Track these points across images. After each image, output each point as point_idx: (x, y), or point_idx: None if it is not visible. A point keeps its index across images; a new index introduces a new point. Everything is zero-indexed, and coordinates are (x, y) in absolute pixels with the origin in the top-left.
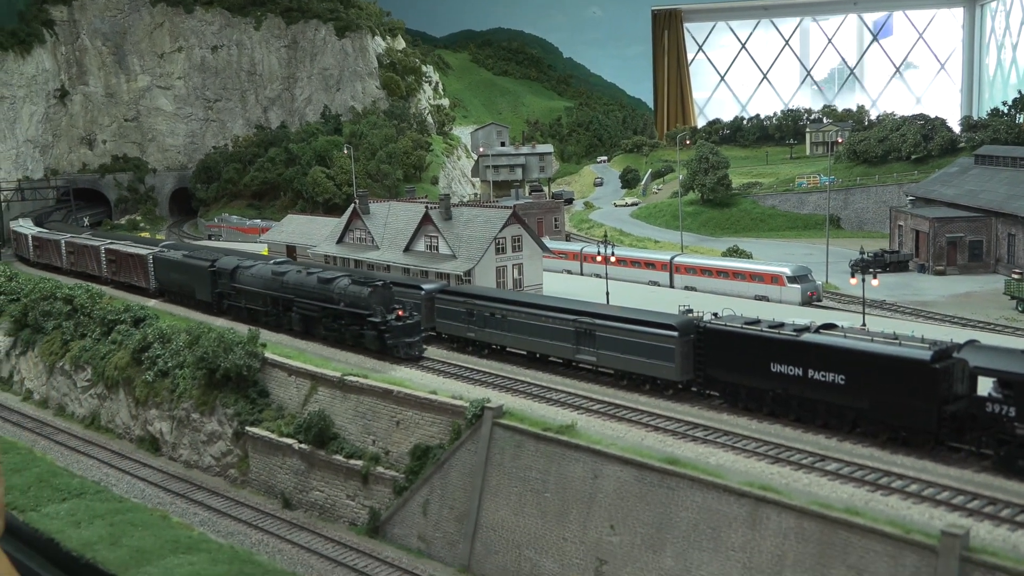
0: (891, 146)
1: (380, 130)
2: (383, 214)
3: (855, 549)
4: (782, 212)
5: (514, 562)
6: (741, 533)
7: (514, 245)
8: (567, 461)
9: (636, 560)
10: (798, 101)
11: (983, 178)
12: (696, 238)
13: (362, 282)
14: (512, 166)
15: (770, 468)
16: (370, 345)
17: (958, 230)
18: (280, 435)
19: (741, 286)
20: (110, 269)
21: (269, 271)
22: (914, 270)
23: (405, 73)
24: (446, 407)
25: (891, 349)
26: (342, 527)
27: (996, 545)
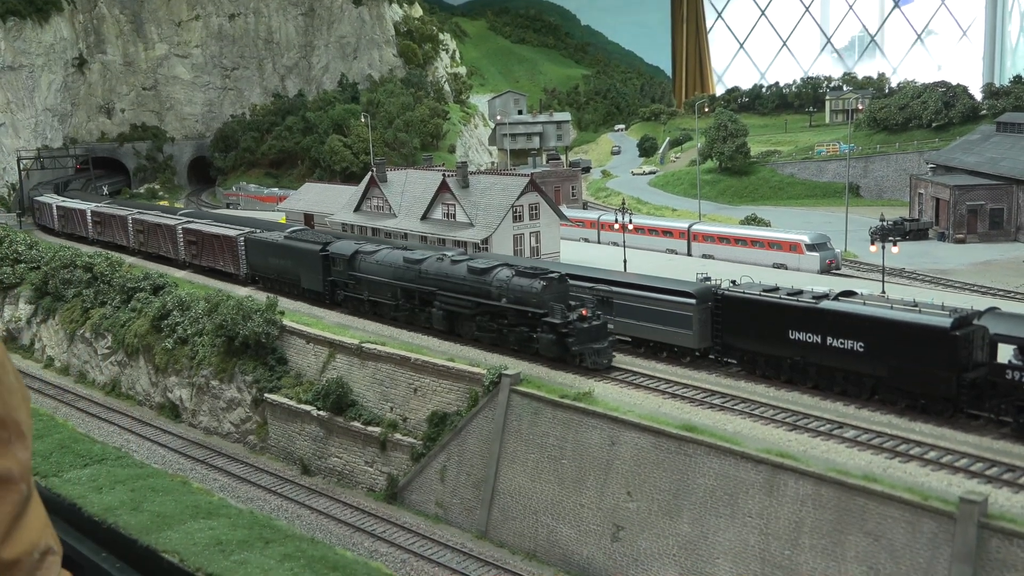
0: (912, 113)
1: (397, 98)
2: (400, 182)
3: (872, 516)
4: (801, 180)
5: (531, 528)
6: (758, 500)
7: (531, 213)
8: (584, 428)
9: (653, 526)
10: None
11: (1004, 145)
12: (714, 206)
13: (530, 273)
14: (529, 134)
15: (788, 435)
16: (545, 351)
17: (979, 198)
18: (299, 402)
19: (759, 254)
20: (189, 252)
21: (400, 258)
22: (934, 238)
23: (422, 41)
24: (464, 374)
25: (911, 316)
26: (360, 493)
27: (1015, 512)
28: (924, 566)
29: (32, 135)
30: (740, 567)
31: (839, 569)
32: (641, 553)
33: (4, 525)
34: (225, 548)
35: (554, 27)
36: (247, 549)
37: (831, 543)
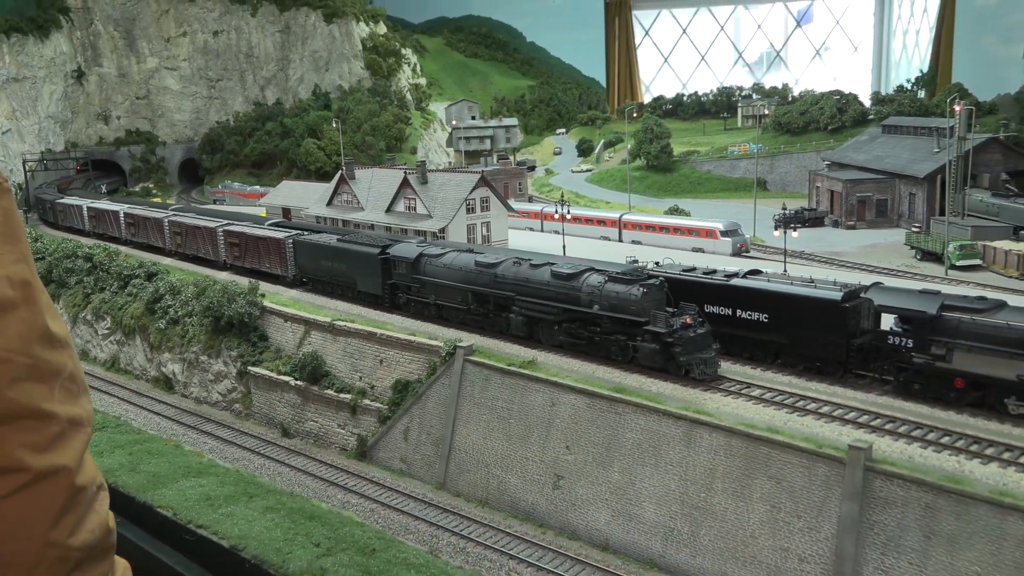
0: (811, 118)
1: (364, 106)
2: (367, 179)
3: (775, 462)
4: (717, 176)
5: (483, 479)
6: (678, 450)
7: (482, 205)
8: (529, 392)
9: (588, 475)
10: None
11: (888, 145)
12: (642, 199)
13: (625, 279)
14: (482, 137)
15: (703, 395)
16: (647, 361)
17: (867, 190)
18: (278, 373)
19: (680, 240)
20: (231, 254)
21: (472, 261)
22: (829, 225)
23: (386, 55)
24: (423, 346)
25: (807, 291)
26: (334, 452)
27: (894, 456)
28: (819, 504)
29: (36, 140)
30: (663, 509)
31: (747, 508)
32: (578, 499)
33: (77, 456)
34: (214, 503)
35: (503, 43)
36: (233, 503)
37: (740, 486)
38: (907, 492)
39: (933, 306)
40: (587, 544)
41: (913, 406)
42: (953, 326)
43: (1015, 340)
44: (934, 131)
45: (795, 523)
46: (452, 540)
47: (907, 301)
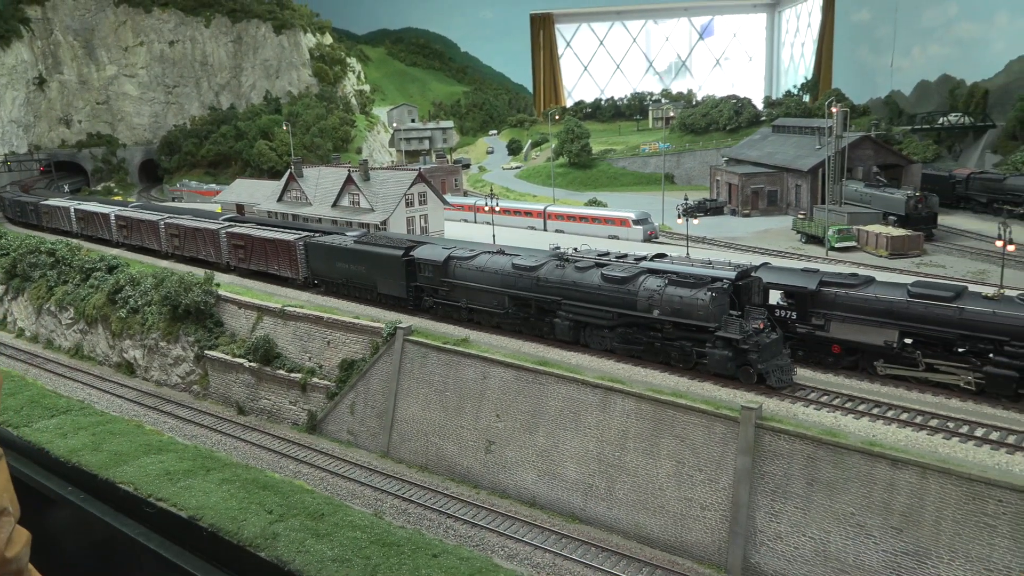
0: (711, 120)
1: (313, 110)
2: (314, 177)
3: (679, 423)
4: (630, 171)
5: (423, 447)
6: (595, 415)
7: (420, 200)
8: (462, 367)
9: (517, 440)
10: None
11: (778, 143)
12: (565, 192)
13: (689, 282)
14: (421, 138)
15: (616, 366)
16: (718, 369)
17: (759, 182)
18: (233, 356)
19: (598, 228)
20: (235, 256)
21: (508, 264)
22: (727, 213)
23: (332, 64)
24: (367, 328)
25: (704, 271)
26: (286, 427)
27: (781, 414)
28: (717, 458)
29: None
30: (582, 467)
31: (655, 464)
32: (508, 461)
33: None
34: (173, 477)
35: (440, 53)
36: (191, 477)
37: (649, 445)
38: (792, 445)
39: (813, 282)
40: (516, 501)
41: (800, 369)
42: (830, 299)
43: (882, 310)
44: (816, 130)
45: (697, 476)
46: (395, 503)
47: (791, 278)
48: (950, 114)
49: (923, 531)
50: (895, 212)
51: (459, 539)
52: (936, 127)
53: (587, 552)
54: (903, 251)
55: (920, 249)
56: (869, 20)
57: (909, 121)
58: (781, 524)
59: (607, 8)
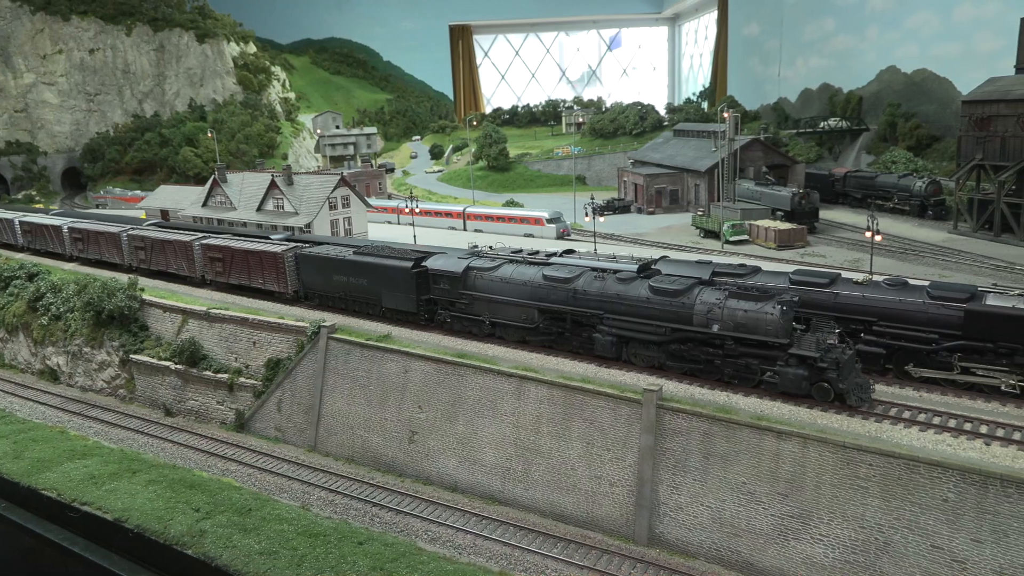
0: (619, 125)
1: (238, 117)
2: (239, 182)
3: (588, 407)
4: (545, 174)
5: (349, 440)
6: (511, 402)
7: (343, 203)
8: (385, 361)
9: (438, 429)
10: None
11: (679, 146)
12: (485, 194)
13: (755, 295)
14: (345, 144)
15: (529, 356)
16: (790, 388)
17: (662, 182)
18: (159, 359)
19: (514, 227)
20: (212, 269)
21: (539, 275)
22: (634, 211)
23: (257, 72)
24: (292, 328)
25: (608, 264)
26: (214, 426)
27: (679, 395)
28: (623, 438)
29: None
30: (500, 452)
31: (567, 446)
32: (431, 450)
33: None
34: (98, 481)
35: (363, 62)
36: (117, 479)
37: (561, 428)
38: (689, 423)
39: (706, 272)
40: (439, 487)
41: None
42: None
43: None
44: (712, 134)
45: (606, 455)
46: (322, 495)
47: (687, 269)
48: (830, 119)
49: (806, 495)
50: (782, 208)
51: (384, 526)
52: (818, 131)
53: (506, 531)
54: (789, 243)
55: (804, 241)
56: (758, 34)
57: (794, 125)
58: (681, 496)
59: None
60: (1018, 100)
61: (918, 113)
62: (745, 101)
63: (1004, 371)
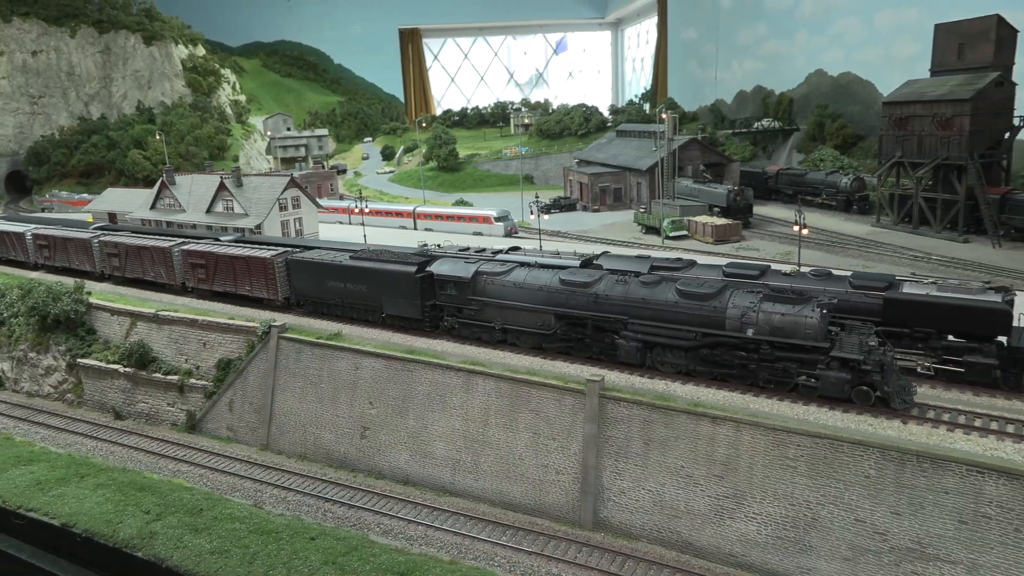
0: (565, 126)
1: (187, 119)
2: (187, 184)
3: (534, 398)
4: (494, 173)
5: (301, 437)
6: (459, 396)
7: (293, 204)
8: (335, 359)
9: (390, 424)
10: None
11: (622, 146)
12: (435, 194)
13: (792, 297)
14: (297, 145)
15: (477, 351)
16: (832, 392)
17: (606, 181)
18: (108, 362)
19: (464, 226)
20: (194, 276)
21: (555, 279)
22: (580, 209)
23: (206, 75)
24: (242, 328)
25: (552, 260)
26: (165, 428)
27: (621, 385)
28: (568, 427)
29: None
30: (450, 444)
31: (515, 436)
32: (382, 445)
33: None
34: (44, 486)
35: (313, 65)
36: (64, 485)
37: (509, 420)
38: (630, 411)
39: (645, 266)
40: (391, 481)
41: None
42: None
43: None
44: (652, 134)
45: (552, 444)
46: (275, 492)
47: (627, 264)
48: (763, 119)
49: (740, 476)
50: (718, 204)
51: (337, 521)
52: (752, 131)
53: (456, 521)
54: (725, 238)
55: (739, 235)
56: (696, 38)
57: (730, 125)
58: (624, 481)
59: (470, 24)
60: (933, 101)
61: (844, 114)
62: (684, 103)
63: (920, 354)
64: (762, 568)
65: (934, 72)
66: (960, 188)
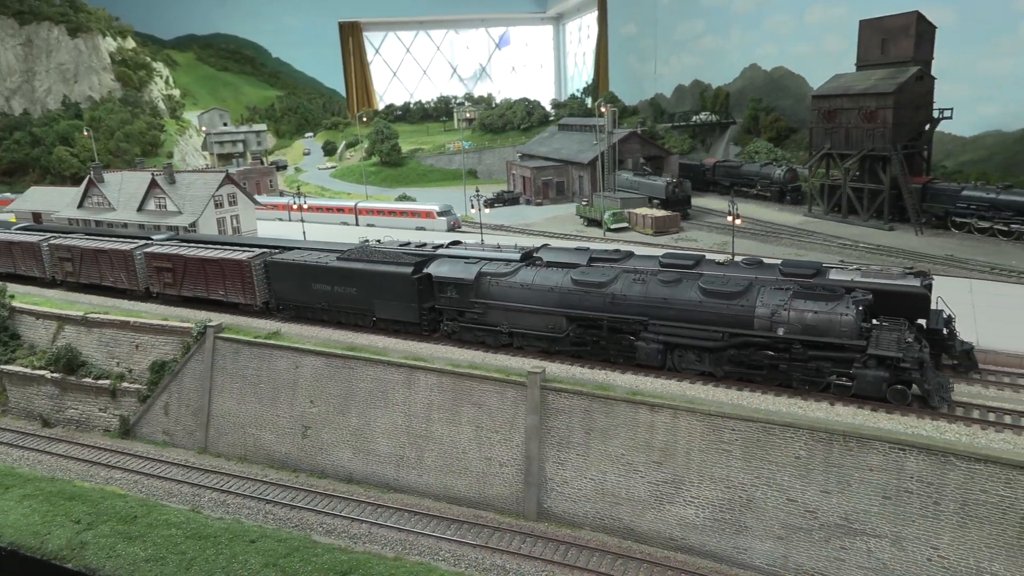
0: (507, 120)
1: (117, 115)
2: (117, 182)
3: (476, 391)
4: (438, 168)
5: (241, 439)
6: (402, 392)
7: (230, 201)
8: (274, 358)
9: (331, 423)
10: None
11: (564, 140)
12: (378, 189)
13: (825, 294)
14: (235, 141)
15: (419, 346)
16: (868, 391)
17: (549, 175)
18: (33, 368)
19: (406, 221)
20: (159, 281)
21: (567, 279)
22: (523, 203)
23: (137, 68)
24: (176, 329)
25: (491, 254)
26: (97, 434)
27: (561, 376)
28: (510, 419)
29: None
30: (393, 440)
31: (458, 430)
32: (324, 444)
33: None
34: None
35: (251, 58)
36: None
37: (451, 414)
38: (571, 401)
39: (584, 258)
40: (334, 480)
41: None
42: None
43: None
44: (593, 128)
45: (495, 437)
46: (214, 496)
47: (566, 256)
48: (701, 113)
49: (678, 461)
50: (658, 196)
51: (278, 522)
52: (690, 124)
53: (401, 518)
54: (665, 229)
55: (678, 227)
56: (635, 33)
57: (669, 119)
58: (567, 470)
59: (411, 18)
60: (858, 95)
61: (777, 107)
62: (625, 97)
63: None
64: (701, 550)
65: (859, 66)
66: (885, 178)
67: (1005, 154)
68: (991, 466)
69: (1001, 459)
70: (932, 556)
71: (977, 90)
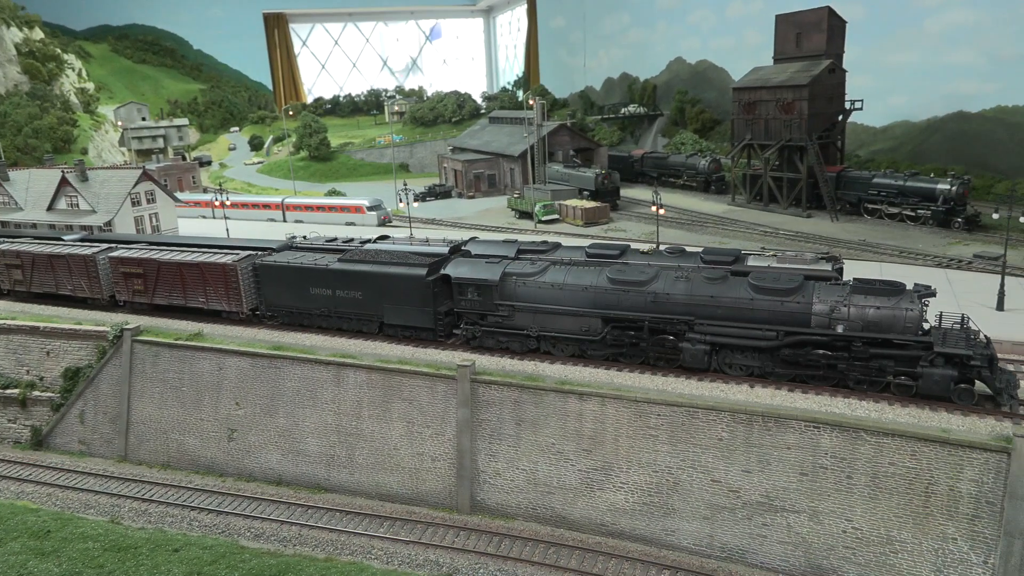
0: (439, 113)
1: (24, 110)
2: (24, 180)
3: (407, 387)
4: (368, 162)
5: (163, 445)
6: (331, 390)
7: (148, 198)
8: (197, 360)
9: (258, 424)
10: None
11: (495, 132)
12: (307, 184)
13: (887, 289)
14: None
15: (348, 342)
16: (934, 390)
17: (480, 168)
18: None
19: (335, 216)
20: (128, 287)
21: (602, 278)
22: (455, 196)
23: (46, 60)
24: (91, 333)
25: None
26: (7, 447)
27: (492, 368)
28: (441, 413)
29: None
30: (323, 440)
31: (389, 427)
32: (251, 446)
33: None
34: None
35: (171, 50)
36: None
37: (382, 410)
38: (501, 393)
39: (512, 250)
40: (263, 483)
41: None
42: None
43: None
44: (523, 121)
45: (426, 432)
46: (134, 505)
47: (494, 248)
48: (629, 105)
49: (607, 448)
50: (587, 188)
51: (204, 529)
52: (619, 116)
53: (332, 518)
54: (595, 220)
55: (607, 217)
56: (564, 26)
57: (599, 111)
58: (499, 462)
59: (338, 10)
60: (776, 87)
61: (702, 100)
62: (556, 89)
63: None
64: (631, 534)
65: (776, 60)
66: (802, 167)
67: (913, 143)
68: (897, 439)
69: (907, 432)
70: (847, 528)
71: (886, 82)
